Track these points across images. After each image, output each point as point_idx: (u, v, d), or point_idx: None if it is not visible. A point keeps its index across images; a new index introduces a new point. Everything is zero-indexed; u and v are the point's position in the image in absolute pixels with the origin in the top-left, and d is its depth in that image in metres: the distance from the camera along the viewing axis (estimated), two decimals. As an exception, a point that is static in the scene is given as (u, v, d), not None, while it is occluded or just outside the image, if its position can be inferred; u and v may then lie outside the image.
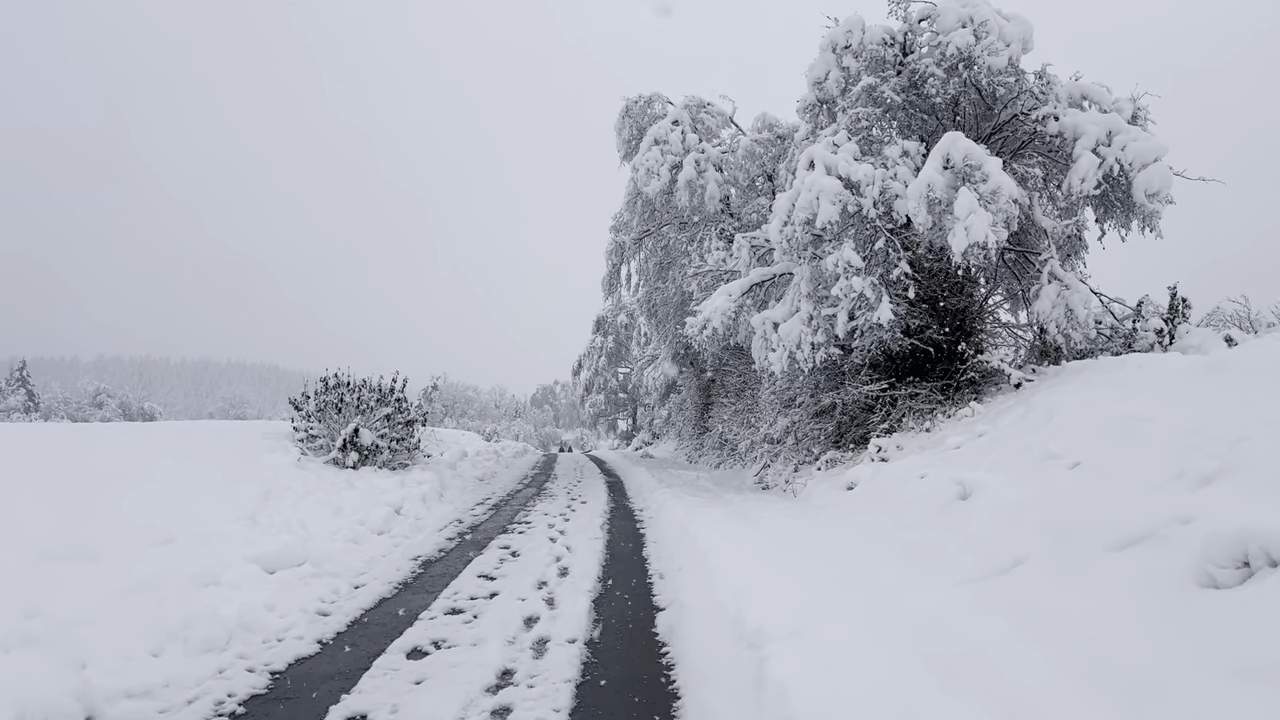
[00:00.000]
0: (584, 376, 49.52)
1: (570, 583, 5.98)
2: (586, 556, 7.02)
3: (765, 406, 15.14)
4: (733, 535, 7.27)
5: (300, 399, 13.71)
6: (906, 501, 7.34)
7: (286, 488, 8.62)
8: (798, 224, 10.70)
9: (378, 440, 12.93)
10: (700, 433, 23.62)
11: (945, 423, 10.23)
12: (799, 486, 10.98)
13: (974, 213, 9.67)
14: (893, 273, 10.62)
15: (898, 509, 7.29)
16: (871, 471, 8.91)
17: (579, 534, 8.30)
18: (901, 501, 7.45)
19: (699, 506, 9.63)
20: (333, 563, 6.33)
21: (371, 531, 7.94)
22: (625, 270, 20.94)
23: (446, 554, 7.33)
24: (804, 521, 7.99)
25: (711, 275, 16.67)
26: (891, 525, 6.93)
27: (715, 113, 18.78)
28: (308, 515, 7.82)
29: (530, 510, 10.50)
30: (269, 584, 5.61)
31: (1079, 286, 10.79)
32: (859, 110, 11.62)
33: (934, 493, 6.98)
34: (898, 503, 7.49)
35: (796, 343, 11.16)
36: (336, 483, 9.96)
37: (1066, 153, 11.15)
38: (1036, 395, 8.64)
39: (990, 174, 10.00)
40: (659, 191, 17.35)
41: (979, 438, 8.26)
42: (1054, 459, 6.36)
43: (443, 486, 12.18)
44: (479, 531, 8.62)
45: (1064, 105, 11.37)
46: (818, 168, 10.85)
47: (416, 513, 9.47)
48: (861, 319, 10.54)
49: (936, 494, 6.89)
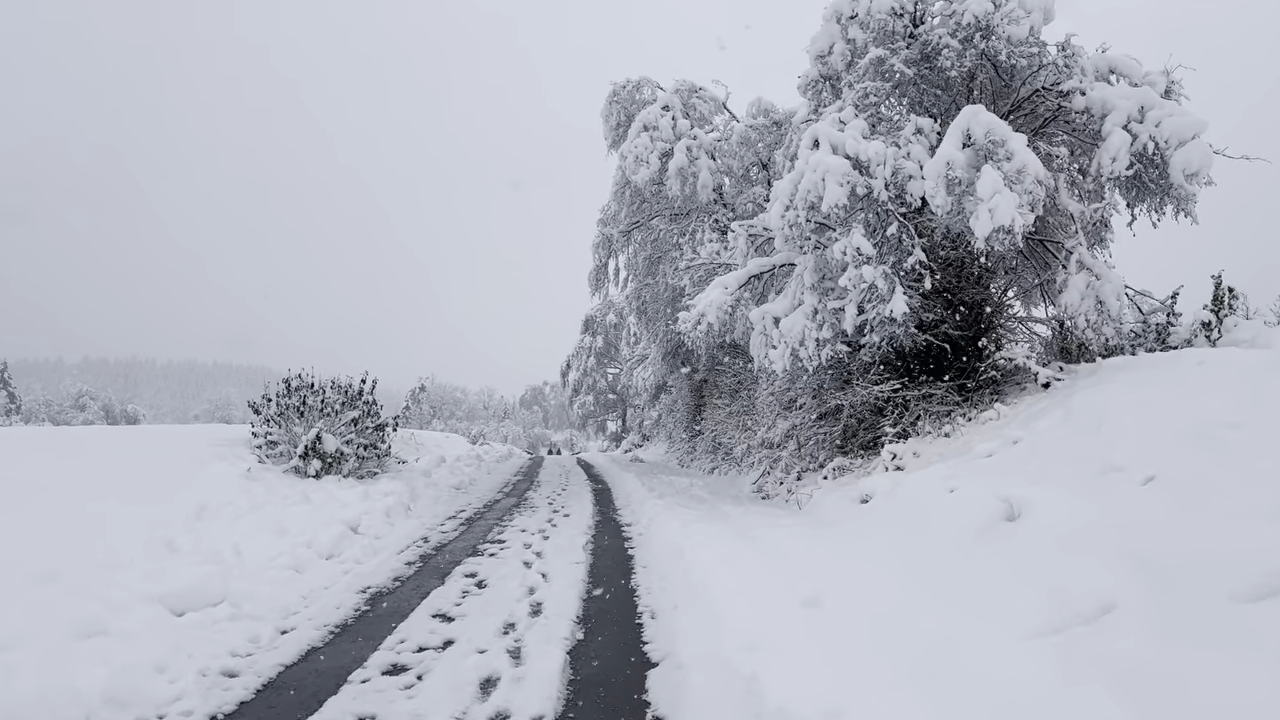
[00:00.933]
0: (572, 377, 48.50)
1: (543, 626, 4.94)
2: (565, 588, 5.99)
3: (763, 408, 14.13)
4: (735, 560, 6.25)
5: (260, 401, 12.64)
6: (937, 520, 6.34)
7: (226, 503, 7.56)
8: (801, 208, 9.71)
9: (343, 447, 11.86)
10: (692, 435, 22.61)
11: (966, 426, 9.24)
12: (804, 497, 9.97)
13: (999, 193, 8.70)
14: (907, 261, 9.64)
15: (927, 530, 6.28)
16: (890, 483, 7.91)
17: (558, 556, 7.25)
18: (930, 520, 6.44)
19: (694, 521, 8.61)
20: (258, 600, 5.26)
21: (319, 556, 6.88)
22: (613, 265, 19.93)
23: (402, 584, 6.28)
24: (816, 543, 6.98)
25: (705, 269, 15.66)
26: (922, 551, 5.92)
27: (708, 98, 17.77)
28: (244, 537, 6.76)
29: (507, 525, 9.45)
30: (171, 631, 4.55)
31: (1111, 276, 9.83)
32: (867, 85, 10.65)
33: (971, 511, 5.98)
34: (926, 522, 6.48)
35: (800, 339, 10.16)
36: (289, 496, 8.89)
37: (1094, 130, 10.20)
38: (1075, 396, 7.65)
39: (1014, 151, 9.04)
40: (648, 180, 16.33)
41: (1013, 444, 7.27)
42: (1117, 472, 5.38)
43: (413, 497, 11.12)
44: (445, 553, 7.56)
45: (1090, 79, 10.41)
46: (823, 146, 9.86)
47: (377, 530, 8.41)
48: (872, 312, 9.56)
49: (974, 512, 5.89)
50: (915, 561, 5.72)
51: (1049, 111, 10.64)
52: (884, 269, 9.43)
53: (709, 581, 5.49)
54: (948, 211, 9.12)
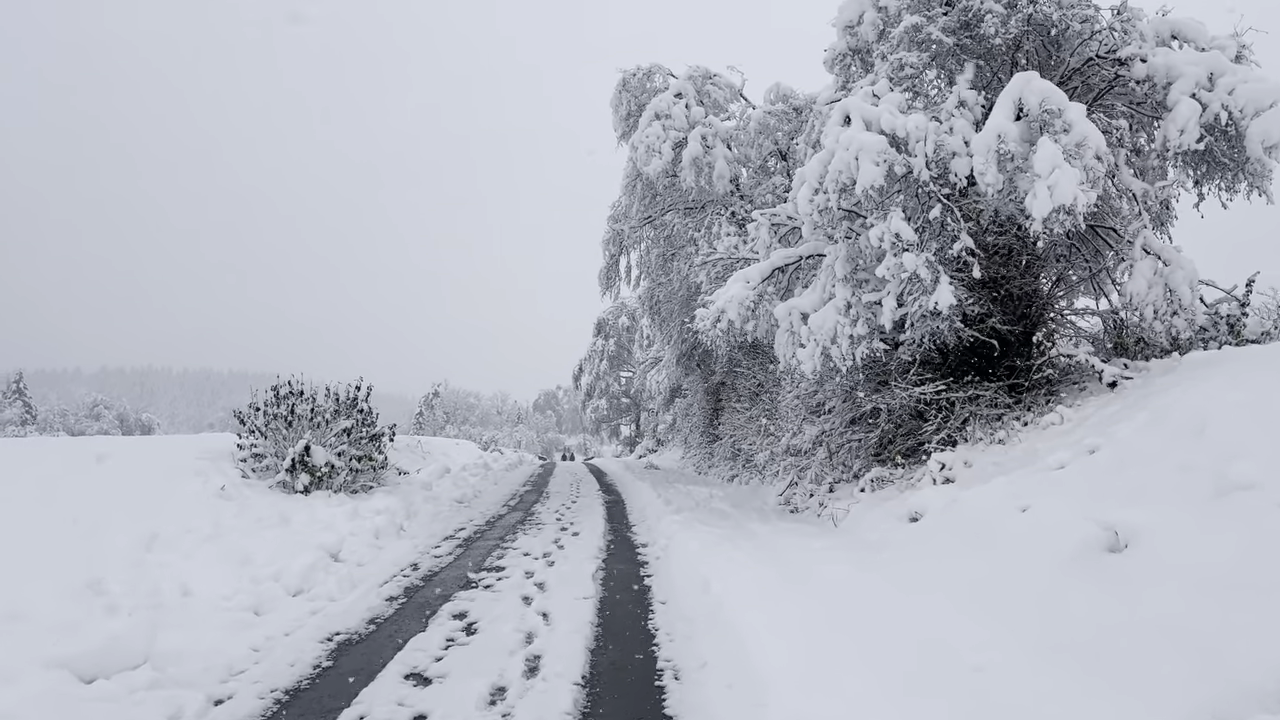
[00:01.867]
0: (585, 381, 47.60)
1: (540, 693, 3.96)
2: (569, 633, 5.01)
3: (787, 412, 13.13)
4: (770, 596, 5.27)
5: (247, 411, 11.74)
6: (1010, 547, 5.33)
7: (186, 529, 6.63)
8: (832, 191, 8.71)
9: (333, 459, 10.94)
10: (709, 441, 21.59)
11: (1023, 432, 8.22)
12: (838, 512, 8.96)
13: (1058, 168, 7.70)
14: (952, 248, 8.62)
15: (999, 559, 5.27)
16: (943, 498, 6.89)
17: (563, 589, 6.27)
18: (1001, 547, 5.43)
19: (717, 542, 7.63)
20: (192, 658, 4.31)
21: (285, 591, 5.93)
22: (624, 262, 18.96)
23: (378, 628, 5.32)
24: (862, 571, 5.98)
25: (722, 264, 14.68)
26: (1000, 587, 4.91)
27: (722, 84, 16.79)
28: (198, 571, 5.82)
29: (509, 548, 8.48)
30: (70, 707, 3.61)
31: (1181, 261, 8.79)
32: (901, 56, 9.64)
33: (1056, 536, 4.97)
34: (995, 549, 5.48)
35: (831, 336, 9.16)
36: (264, 517, 7.97)
37: (1156, 101, 9.17)
38: (1158, 397, 6.62)
39: (1073, 122, 8.03)
40: (661, 171, 15.35)
41: (1090, 454, 6.23)
42: (1244, 490, 4.36)
43: (409, 515, 10.18)
44: (435, 584, 6.59)
45: (1150, 44, 9.37)
46: (855, 122, 8.87)
47: (361, 556, 7.46)
48: (913, 305, 8.55)
49: (1061, 539, 4.88)
50: (994, 600, 4.71)
51: (1104, 82, 9.62)
52: (927, 256, 8.43)
53: (742, 628, 4.51)
54: (998, 191, 8.13)
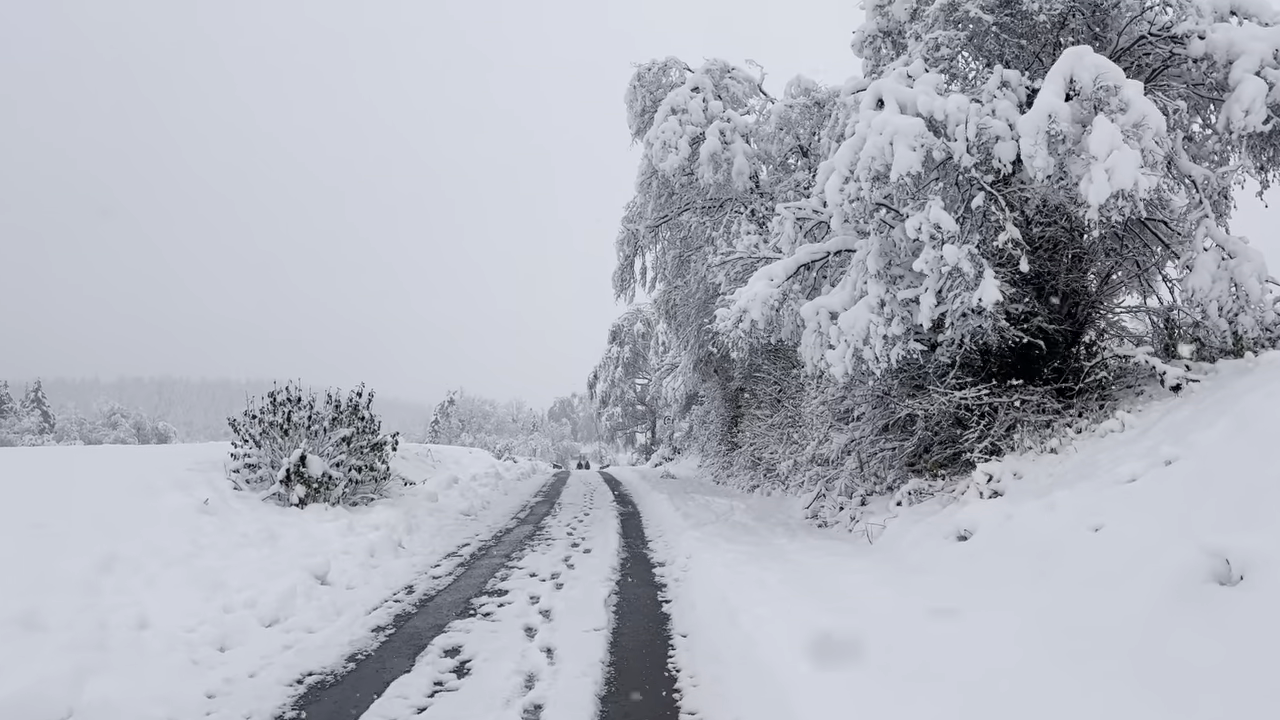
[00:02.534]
0: (600, 389, 46.93)
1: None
2: (577, 675, 4.32)
3: (812, 419, 12.40)
4: (807, 629, 4.56)
5: (241, 418, 11.12)
6: (1085, 574, 4.61)
7: (155, 549, 6.00)
8: (864, 180, 8.02)
9: (331, 470, 10.32)
10: (728, 449, 20.85)
11: (1078, 440, 7.47)
12: (872, 527, 8.24)
13: (1117, 149, 6.99)
14: (997, 239, 7.91)
15: (1072, 588, 4.55)
16: (996, 515, 6.16)
17: (572, 618, 5.58)
18: (1073, 573, 4.71)
19: (743, 563, 6.93)
20: (125, 710, 3.66)
21: (259, 621, 5.29)
22: (639, 263, 18.29)
23: (358, 667, 4.65)
24: (911, 597, 5.26)
25: (742, 263, 13.95)
26: (1075, 622, 4.18)
27: (741, 78, 16.10)
28: (160, 599, 5.19)
29: (514, 567, 7.81)
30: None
31: (1249, 253, 8.01)
32: (937, 35, 8.96)
33: (1142, 563, 4.24)
34: (1066, 575, 4.75)
35: (863, 336, 8.44)
36: (249, 534, 7.35)
37: (1216, 80, 8.45)
38: (1238, 401, 5.86)
39: (1130, 101, 7.32)
40: (677, 168, 14.69)
41: (1166, 465, 5.49)
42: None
43: (410, 529, 9.54)
44: (429, 612, 5.92)
45: (1209, 20, 8.62)
46: (889, 105, 8.19)
47: (351, 577, 6.81)
48: (955, 302, 7.83)
49: (1150, 566, 4.15)
50: (1070, 640, 3.99)
51: (1158, 61, 8.89)
52: (969, 249, 7.71)
53: (781, 676, 3.81)
54: (1048, 175, 7.42)
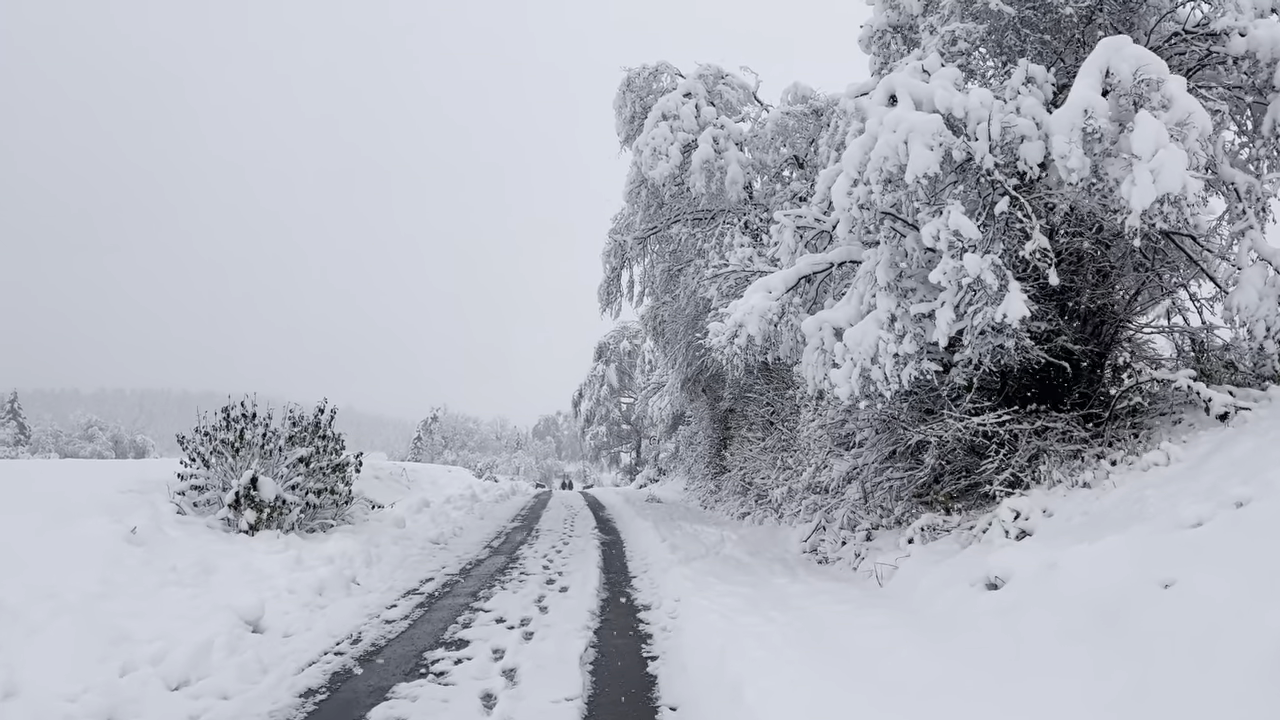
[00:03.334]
0: (585, 407, 46.08)
1: None
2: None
3: (809, 444, 11.58)
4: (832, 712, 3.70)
5: (192, 434, 10.18)
6: (1161, 642, 3.78)
7: (45, 594, 5.08)
8: (874, 182, 7.27)
9: (285, 493, 9.39)
10: (716, 472, 20.00)
11: (1116, 473, 6.67)
12: (882, 567, 7.40)
13: (1163, 148, 6.27)
14: (1023, 248, 7.14)
15: (1144, 659, 3.72)
16: (1033, 562, 5.32)
17: (540, 683, 4.69)
18: (1144, 639, 3.88)
19: (741, 611, 6.06)
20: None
21: (163, 683, 4.38)
22: (626, 276, 17.51)
23: (271, 750, 3.77)
24: (949, 665, 4.41)
25: (736, 277, 13.19)
26: (1155, 705, 3.35)
27: (735, 85, 15.42)
28: (42, 655, 4.28)
29: (480, 609, 6.89)
30: None
31: (1299, 268, 7.29)
32: (954, 27, 8.27)
33: (1236, 630, 3.42)
34: (1134, 641, 3.92)
35: (871, 354, 7.64)
36: (181, 568, 6.43)
37: (1259, 81, 7.80)
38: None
39: (1173, 97, 6.61)
40: (667, 177, 13.95)
41: (1238, 508, 4.70)
42: None
43: (368, 560, 8.61)
44: (372, 670, 5.01)
45: (1249, 15, 7.96)
46: (903, 101, 7.46)
47: (289, 623, 5.89)
48: (976, 317, 7.05)
49: (1248, 636, 3.33)
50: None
51: (1193, 60, 8.23)
52: (992, 259, 6.94)
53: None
54: (1082, 178, 6.67)
